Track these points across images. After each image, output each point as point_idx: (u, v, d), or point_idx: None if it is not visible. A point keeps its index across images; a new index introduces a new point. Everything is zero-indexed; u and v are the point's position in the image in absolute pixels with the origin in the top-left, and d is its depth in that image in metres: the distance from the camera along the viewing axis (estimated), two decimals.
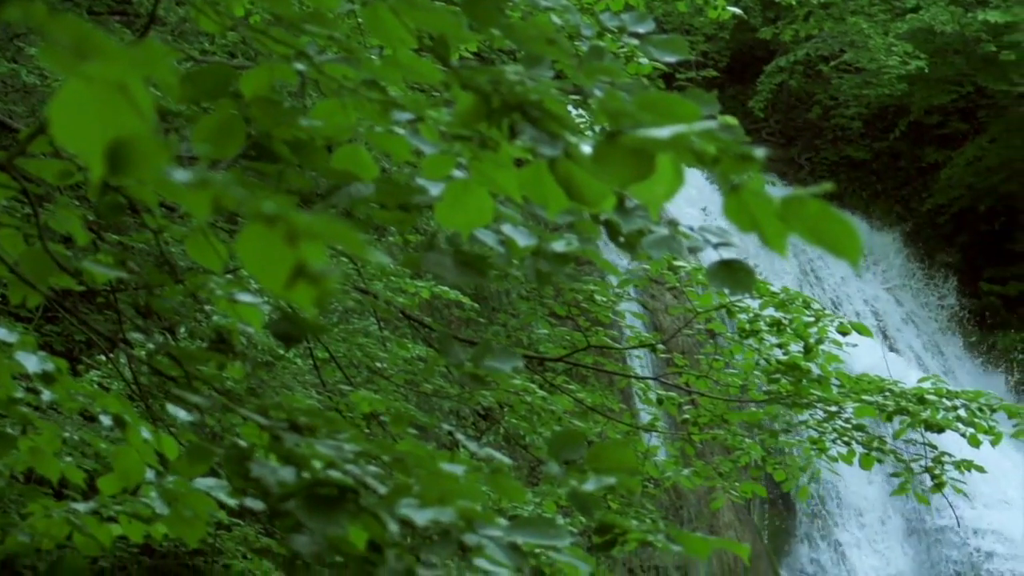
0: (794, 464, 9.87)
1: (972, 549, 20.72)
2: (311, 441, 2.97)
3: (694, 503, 18.35)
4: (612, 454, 3.28)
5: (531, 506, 10.02)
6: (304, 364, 9.85)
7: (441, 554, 2.96)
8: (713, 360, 9.51)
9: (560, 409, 9.62)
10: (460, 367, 3.44)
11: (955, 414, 8.85)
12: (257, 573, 10.59)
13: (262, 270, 1.94)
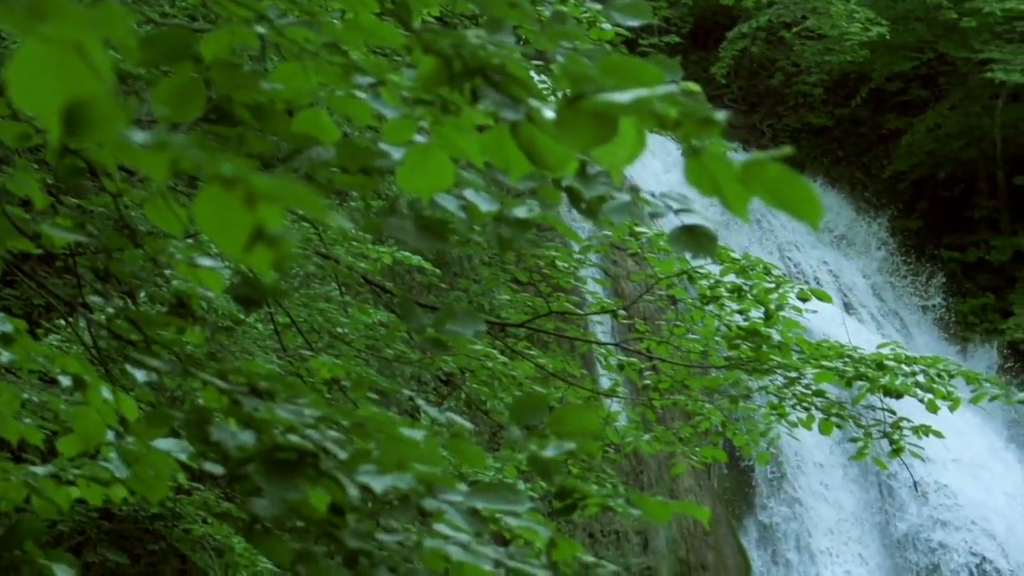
0: (754, 429, 9.91)
1: (928, 508, 20.87)
2: (271, 405, 2.96)
3: (654, 468, 18.41)
4: (574, 419, 3.28)
5: (492, 471, 10.04)
6: (265, 329, 9.83)
7: (401, 519, 2.96)
8: (674, 326, 9.53)
9: (521, 375, 9.63)
10: (422, 332, 3.43)
11: (914, 380, 8.90)
12: (217, 537, 10.59)
13: (220, 233, 1.93)
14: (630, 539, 18.08)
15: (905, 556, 20.75)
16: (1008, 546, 20.77)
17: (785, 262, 23.85)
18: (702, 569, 18.61)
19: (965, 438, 20.85)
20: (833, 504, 20.90)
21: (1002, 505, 21.27)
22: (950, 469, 21.01)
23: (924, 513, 20.90)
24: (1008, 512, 21.22)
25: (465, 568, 2.97)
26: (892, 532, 20.96)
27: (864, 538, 20.85)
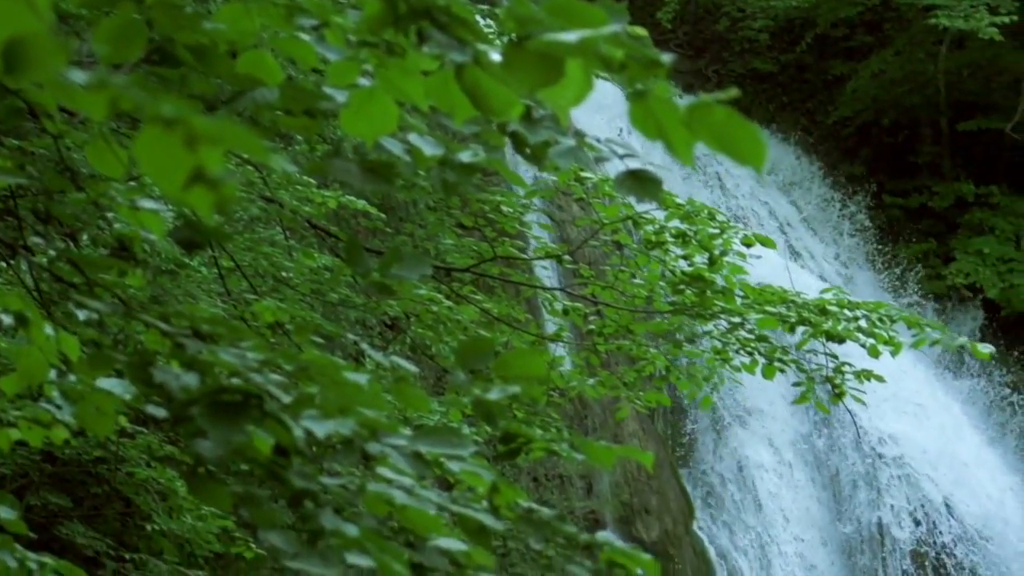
0: (698, 374, 9.95)
1: (869, 451, 21.04)
2: (214, 349, 2.94)
3: (599, 413, 18.48)
4: (520, 363, 3.28)
5: (436, 416, 10.05)
6: (209, 273, 9.78)
7: (344, 463, 2.96)
8: (619, 271, 9.54)
9: (466, 319, 9.63)
10: (367, 276, 3.42)
11: (856, 325, 8.95)
12: (161, 481, 10.57)
13: (160, 173, 1.91)
14: (574, 483, 18.16)
15: (848, 497, 20.93)
16: (944, 482, 21.03)
17: (730, 207, 23.91)
18: (645, 513, 18.72)
19: (905, 381, 21.02)
20: (776, 448, 21.04)
21: (940, 446, 21.48)
22: (890, 411, 21.18)
23: (866, 455, 21.07)
24: (948, 455, 21.45)
25: (408, 512, 2.97)
26: (835, 474, 21.14)
27: (808, 482, 21.01)
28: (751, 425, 21.03)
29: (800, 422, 21.37)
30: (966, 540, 20.76)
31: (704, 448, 20.81)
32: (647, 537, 18.47)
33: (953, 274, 24.96)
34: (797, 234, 25.13)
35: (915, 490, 20.97)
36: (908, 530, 20.67)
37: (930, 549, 20.58)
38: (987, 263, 24.93)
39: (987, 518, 21.06)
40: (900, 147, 27.00)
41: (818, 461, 21.25)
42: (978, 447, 22.20)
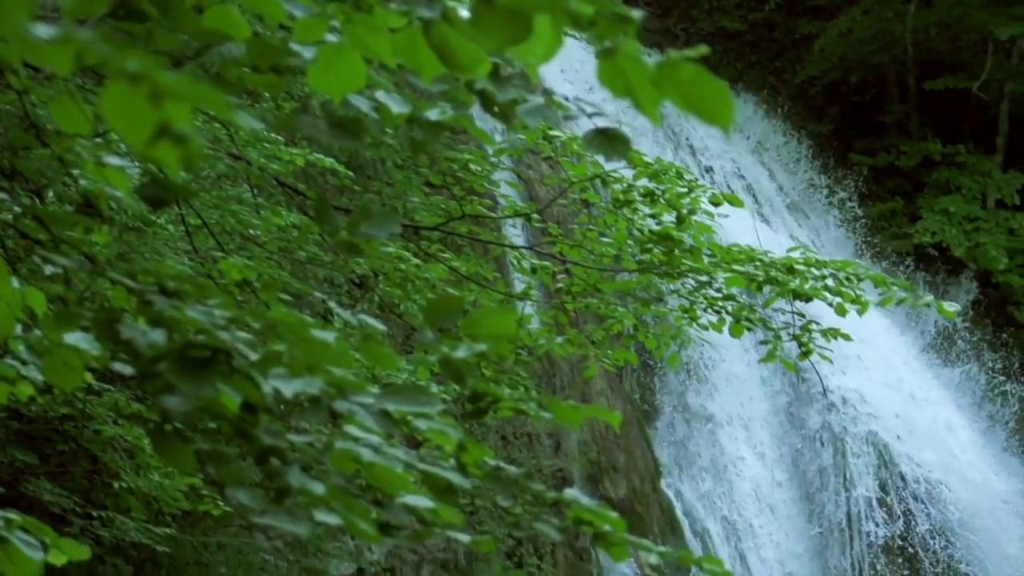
0: (665, 332, 9.97)
1: (835, 409, 21.13)
2: (181, 306, 2.93)
3: (567, 371, 18.51)
4: (489, 322, 3.28)
5: (404, 374, 10.05)
6: (176, 231, 9.74)
7: (312, 421, 2.95)
8: (587, 230, 9.54)
9: (434, 277, 9.62)
10: (336, 234, 3.41)
11: (823, 283, 8.98)
12: (128, 438, 10.56)
13: (126, 128, 1.90)
14: (542, 441, 18.20)
15: (813, 450, 21.03)
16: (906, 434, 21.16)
17: (698, 166, 23.92)
18: (613, 470, 18.78)
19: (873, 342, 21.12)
20: (744, 405, 21.12)
21: (906, 405, 21.60)
22: (856, 368, 21.27)
23: (831, 410, 21.17)
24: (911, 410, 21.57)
25: (375, 469, 2.97)
26: (801, 429, 21.23)
27: (773, 438, 21.10)
28: (719, 384, 21.10)
29: (766, 381, 21.45)
30: (926, 481, 20.89)
31: (672, 406, 20.88)
32: (615, 495, 18.53)
33: (919, 233, 25.03)
34: (766, 194, 25.16)
35: (873, 435, 21.07)
36: (869, 474, 20.78)
37: (892, 496, 20.70)
38: (953, 222, 25.01)
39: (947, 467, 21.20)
40: (868, 106, 27.03)
41: (786, 419, 21.34)
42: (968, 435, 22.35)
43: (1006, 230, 25.05)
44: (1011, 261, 24.66)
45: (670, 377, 20.75)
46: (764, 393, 21.43)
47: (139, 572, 12.87)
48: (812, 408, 21.30)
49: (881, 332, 22.23)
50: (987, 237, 24.78)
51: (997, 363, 24.06)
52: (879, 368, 21.75)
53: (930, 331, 24.15)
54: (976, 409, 23.33)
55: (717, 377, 21.16)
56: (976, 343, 24.22)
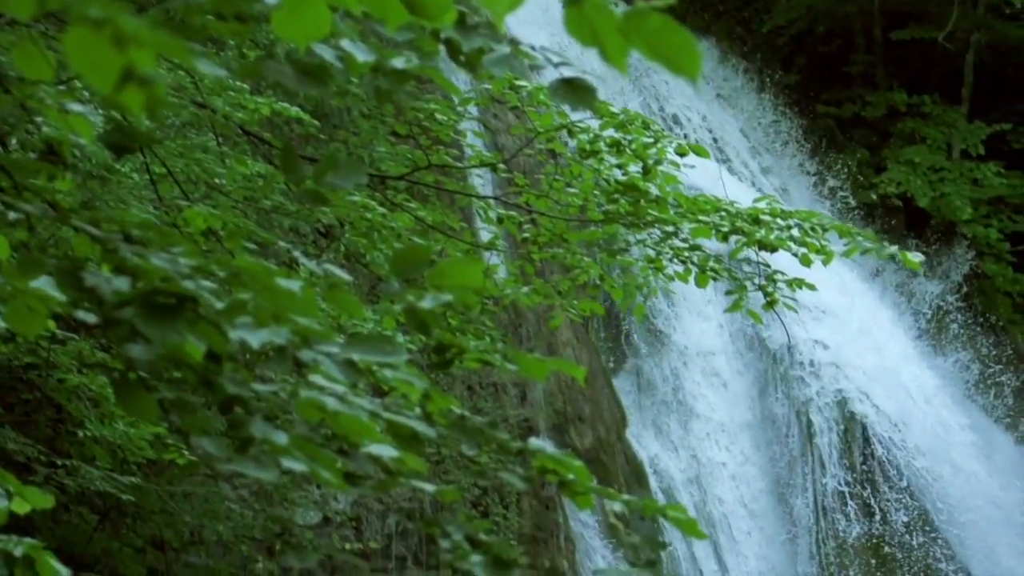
0: (631, 283, 9.98)
1: (801, 356, 21.22)
2: (145, 252, 2.92)
3: (533, 321, 18.53)
4: (455, 272, 3.27)
5: (370, 324, 10.04)
6: (140, 179, 9.69)
7: (277, 370, 2.95)
8: (553, 180, 9.54)
9: (400, 227, 9.60)
10: (301, 183, 3.40)
11: (788, 234, 9.00)
12: (92, 387, 10.53)
13: (91, 71, 1.88)
14: (508, 391, 18.24)
15: (776, 397, 21.12)
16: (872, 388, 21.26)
17: (665, 118, 23.90)
18: (579, 421, 18.84)
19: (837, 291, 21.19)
20: (707, 354, 21.19)
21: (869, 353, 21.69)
22: (821, 319, 21.34)
23: (796, 360, 21.26)
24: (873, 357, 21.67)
25: (340, 418, 2.97)
26: (764, 379, 21.32)
27: (739, 390, 21.19)
28: (686, 332, 21.15)
29: (734, 334, 21.51)
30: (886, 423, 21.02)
31: (637, 357, 20.92)
32: (580, 445, 18.60)
33: (884, 183, 25.10)
34: (732, 144, 25.16)
35: (836, 383, 21.16)
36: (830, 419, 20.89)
37: (854, 443, 20.82)
38: (918, 172, 25.07)
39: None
40: (834, 56, 27.03)
41: (751, 368, 21.42)
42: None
43: (970, 180, 25.14)
44: (975, 211, 24.75)
45: (636, 327, 20.79)
46: (731, 343, 21.49)
47: (104, 521, 12.87)
48: (777, 350, 21.38)
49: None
50: (952, 187, 24.86)
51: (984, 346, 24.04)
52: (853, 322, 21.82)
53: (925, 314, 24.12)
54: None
55: (684, 327, 21.20)
56: (968, 326, 24.19)
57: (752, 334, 21.41)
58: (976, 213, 24.78)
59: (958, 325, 24.17)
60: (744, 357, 21.47)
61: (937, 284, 24.49)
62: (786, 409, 21.06)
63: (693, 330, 21.24)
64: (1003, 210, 25.46)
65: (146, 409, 3.01)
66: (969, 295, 24.52)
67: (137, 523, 13.12)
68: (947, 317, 24.13)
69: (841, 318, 21.64)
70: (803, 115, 26.30)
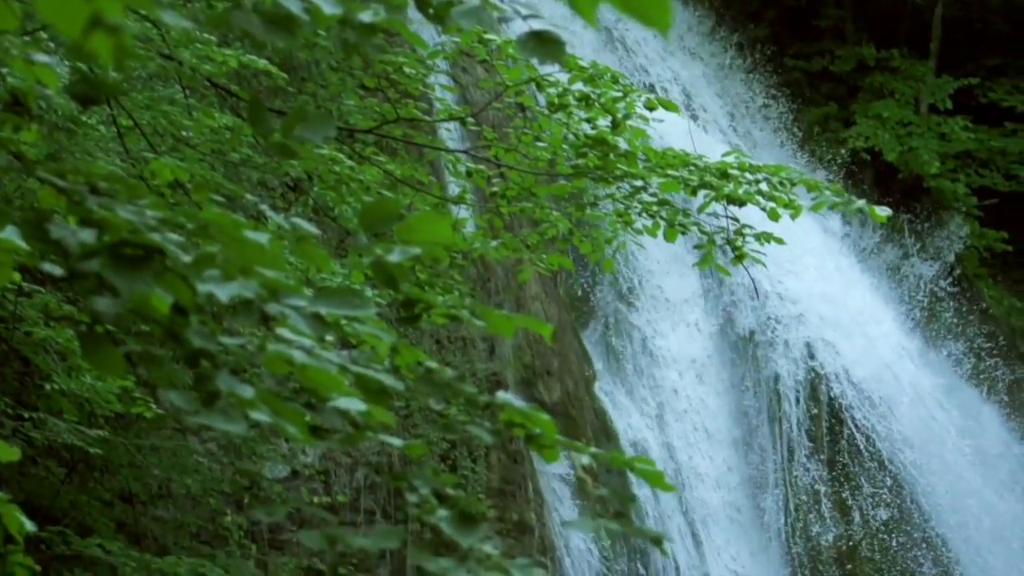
0: (600, 237, 9.99)
1: (766, 311, 21.28)
2: (111, 204, 2.90)
3: (501, 275, 18.54)
4: (424, 227, 3.26)
5: (339, 277, 10.02)
6: (107, 131, 9.64)
7: (244, 324, 2.94)
8: (522, 134, 9.53)
9: (369, 180, 9.59)
10: (269, 136, 3.38)
11: (757, 188, 9.01)
12: (59, 340, 10.50)
13: (59, 18, 1.87)
14: (476, 345, 18.25)
15: (745, 352, 21.18)
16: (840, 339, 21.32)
17: (637, 72, 23.85)
18: (547, 375, 18.87)
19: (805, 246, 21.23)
20: (676, 309, 21.23)
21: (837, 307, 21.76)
22: (789, 272, 21.39)
23: (764, 314, 21.31)
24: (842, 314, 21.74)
25: (308, 371, 2.97)
26: (733, 332, 21.38)
27: (708, 343, 21.24)
28: (653, 287, 21.18)
29: (704, 289, 21.56)
30: (860, 397, 21.08)
31: (606, 310, 20.96)
32: (548, 398, 18.64)
33: (853, 138, 25.13)
34: (700, 97, 25.14)
35: (805, 335, 21.21)
36: (800, 384, 20.98)
37: (823, 405, 20.91)
38: (886, 127, 25.10)
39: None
40: (804, 10, 27.00)
41: (721, 320, 21.47)
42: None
43: (938, 135, 25.19)
44: (943, 166, 24.81)
45: (604, 281, 20.81)
46: (700, 296, 21.53)
47: (72, 474, 12.86)
48: (745, 307, 21.43)
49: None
50: (919, 142, 24.91)
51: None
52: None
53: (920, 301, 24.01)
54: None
55: (651, 282, 21.23)
56: (963, 313, 24.02)
57: (719, 284, 21.46)
58: (944, 167, 24.84)
59: (951, 313, 24.00)
60: (714, 308, 21.51)
61: (929, 266, 24.28)
62: (756, 360, 21.12)
63: (663, 284, 21.26)
64: (970, 164, 25.53)
65: (112, 363, 3.00)
66: (963, 279, 24.40)
67: (105, 476, 13.11)
68: (939, 304, 23.94)
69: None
70: (772, 69, 26.28)
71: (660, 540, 3.29)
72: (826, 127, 25.82)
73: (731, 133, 24.77)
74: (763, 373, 20.96)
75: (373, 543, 3.19)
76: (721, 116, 25.18)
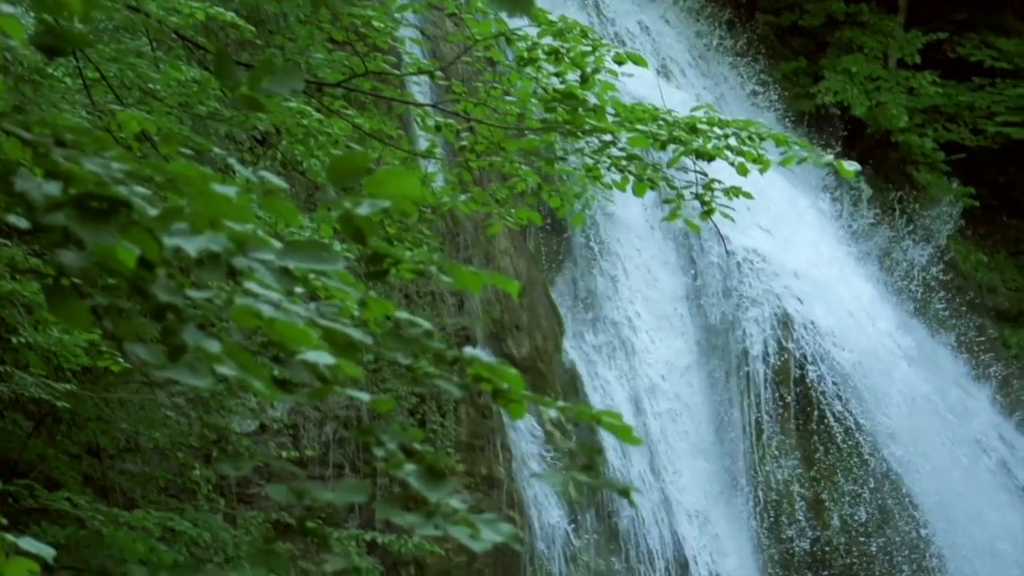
0: (569, 191, 9.99)
1: (734, 264, 21.31)
2: (77, 156, 2.89)
3: (470, 230, 18.52)
4: (393, 181, 3.25)
5: (307, 231, 10.00)
6: (73, 83, 9.58)
7: (211, 277, 2.93)
8: (491, 88, 9.51)
9: (338, 133, 9.56)
10: (237, 89, 3.36)
11: (726, 143, 9.01)
12: (26, 294, 10.46)
13: None
14: (446, 300, 18.25)
15: (712, 305, 21.23)
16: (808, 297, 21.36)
17: (603, 24, 23.79)
18: (516, 329, 18.89)
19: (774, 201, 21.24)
20: (645, 267, 21.25)
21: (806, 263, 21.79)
22: (757, 229, 21.42)
23: (732, 270, 21.34)
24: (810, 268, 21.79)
25: (276, 325, 2.96)
26: (702, 295, 21.42)
27: (678, 297, 21.28)
28: (622, 242, 21.20)
29: (673, 248, 21.57)
30: (825, 352, 21.12)
31: (575, 265, 20.97)
32: (517, 353, 18.67)
33: (822, 92, 25.14)
34: (669, 52, 25.09)
35: (772, 290, 21.24)
36: (768, 346, 21.03)
37: (791, 358, 20.98)
38: (855, 82, 25.13)
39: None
40: None
41: (689, 278, 21.50)
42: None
43: (906, 89, 25.23)
44: (910, 120, 24.86)
45: (574, 235, 20.81)
46: (668, 251, 21.54)
47: (39, 427, 12.84)
48: (710, 258, 21.46)
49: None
50: (888, 96, 24.95)
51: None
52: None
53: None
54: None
55: (621, 238, 21.23)
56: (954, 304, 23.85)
57: (687, 244, 21.47)
58: (911, 122, 24.89)
59: (942, 303, 23.89)
60: (683, 259, 21.53)
61: (921, 250, 24.13)
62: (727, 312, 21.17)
63: (632, 240, 21.27)
64: (938, 119, 25.60)
65: (78, 316, 2.98)
66: (954, 263, 24.30)
67: (72, 430, 13.09)
68: (931, 294, 23.80)
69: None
70: (742, 25, 26.25)
71: (627, 492, 3.30)
72: (795, 82, 25.83)
73: (700, 86, 24.72)
74: (734, 348, 20.96)
75: (340, 497, 3.19)
76: (689, 70, 25.12)
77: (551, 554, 18.09)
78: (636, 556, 18.93)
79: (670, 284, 21.34)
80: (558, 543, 18.23)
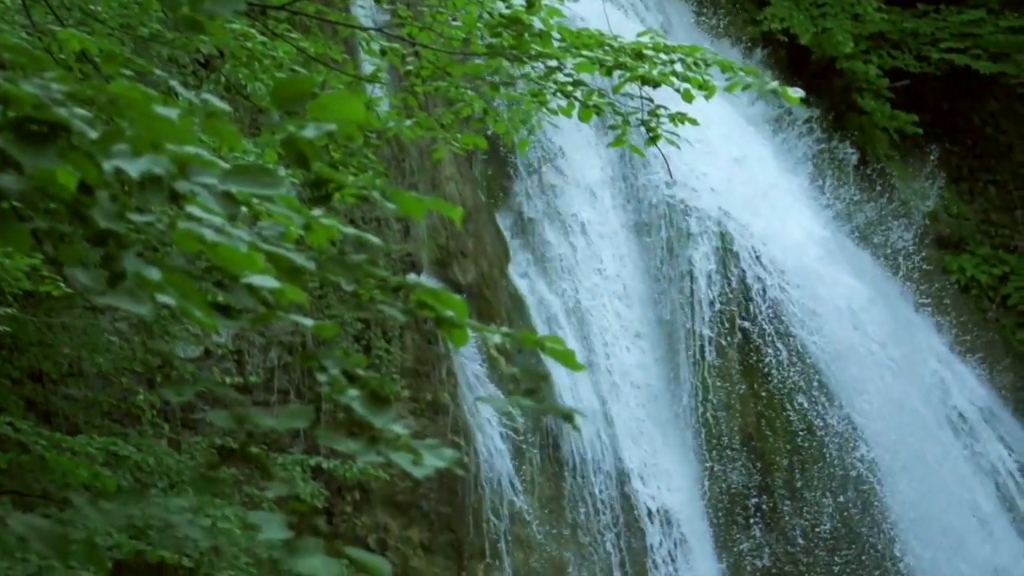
0: (515, 117, 9.96)
1: (674, 197, 21.33)
2: (15, 77, 2.84)
3: (416, 155, 18.45)
4: (338, 105, 3.22)
5: (251, 156, 9.94)
6: (12, 3, 9.45)
7: (152, 201, 2.90)
8: (437, 12, 9.45)
9: (282, 57, 9.48)
10: (178, 10, 3.32)
11: (671, 69, 8.99)
12: None
13: None
14: (391, 226, 18.19)
15: (649, 228, 21.26)
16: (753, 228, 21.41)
17: None
18: (462, 256, 18.87)
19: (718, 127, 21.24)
20: (587, 188, 21.25)
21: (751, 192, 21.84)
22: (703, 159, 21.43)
23: (675, 195, 21.36)
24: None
25: (219, 249, 2.94)
26: (643, 207, 21.44)
27: (624, 227, 21.30)
28: (567, 169, 21.18)
29: (616, 171, 21.57)
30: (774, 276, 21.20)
31: (521, 191, 20.94)
32: (463, 280, 18.65)
33: (768, 19, 25.10)
34: None
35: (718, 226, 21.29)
36: (714, 280, 21.11)
37: (737, 297, 21.06)
38: (800, 7, 25.09)
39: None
40: None
41: (634, 205, 21.52)
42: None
43: (851, 15, 25.21)
44: (856, 47, 24.87)
45: (519, 161, 20.77)
46: (614, 178, 21.55)
47: None
48: (652, 188, 21.48)
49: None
50: (833, 22, 24.93)
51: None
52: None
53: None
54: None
55: (565, 162, 21.21)
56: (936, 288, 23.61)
57: (632, 171, 21.48)
58: (856, 49, 24.90)
59: (920, 290, 23.82)
60: (627, 191, 21.55)
61: (901, 231, 23.96)
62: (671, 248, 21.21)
63: (577, 164, 21.25)
64: (883, 46, 25.61)
65: (18, 239, 2.95)
66: (938, 240, 24.20)
67: (14, 355, 13.01)
68: (912, 275, 23.66)
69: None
70: None
71: (571, 416, 3.31)
72: (741, 6, 25.77)
73: (646, 12, 24.65)
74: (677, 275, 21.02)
75: (282, 423, 3.18)
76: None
77: (497, 479, 18.17)
78: (581, 480, 19.04)
79: (619, 208, 21.35)
80: (504, 468, 18.31)
